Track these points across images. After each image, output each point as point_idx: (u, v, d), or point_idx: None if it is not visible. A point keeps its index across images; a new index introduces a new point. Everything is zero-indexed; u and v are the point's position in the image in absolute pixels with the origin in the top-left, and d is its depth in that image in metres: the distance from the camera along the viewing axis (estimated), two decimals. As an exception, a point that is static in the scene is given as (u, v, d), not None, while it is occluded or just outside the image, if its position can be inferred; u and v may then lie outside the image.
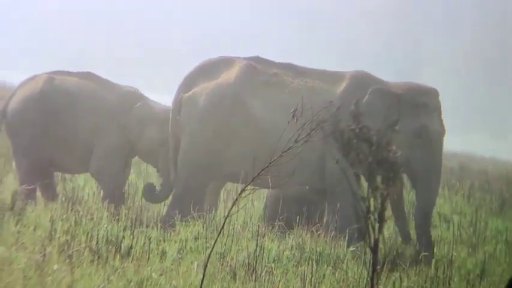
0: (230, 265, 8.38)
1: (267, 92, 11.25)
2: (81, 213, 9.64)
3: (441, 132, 11.09)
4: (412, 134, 10.89)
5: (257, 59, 11.51)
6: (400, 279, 8.47)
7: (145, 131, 11.05)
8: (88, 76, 11.33)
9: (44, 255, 7.59)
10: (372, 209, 5.72)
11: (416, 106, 11.01)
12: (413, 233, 10.96)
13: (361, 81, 11.22)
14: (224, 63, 11.49)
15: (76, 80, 11.23)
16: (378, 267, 5.75)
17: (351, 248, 9.93)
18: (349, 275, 8.75)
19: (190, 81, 11.46)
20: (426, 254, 10.23)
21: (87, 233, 8.41)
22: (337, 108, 8.09)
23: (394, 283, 8.25)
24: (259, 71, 11.36)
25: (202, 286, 7.16)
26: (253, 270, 8.23)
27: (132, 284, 7.11)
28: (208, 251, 7.87)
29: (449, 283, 8.75)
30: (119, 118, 11.03)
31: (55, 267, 7.18)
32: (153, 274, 7.54)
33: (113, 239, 8.41)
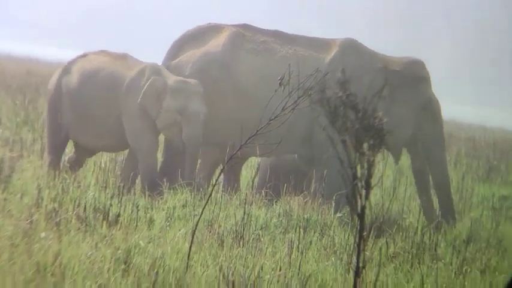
0: (218, 232, 8.40)
1: (255, 59, 11.22)
2: (68, 180, 9.63)
3: (439, 103, 11.24)
4: (420, 108, 11.02)
5: (245, 27, 11.45)
6: (387, 245, 8.52)
7: (163, 104, 10.83)
8: (121, 56, 11.14)
9: (31, 222, 7.59)
10: (358, 175, 5.73)
11: (418, 80, 11.11)
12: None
13: (350, 50, 11.21)
14: (212, 30, 11.43)
15: (105, 59, 11.09)
16: (365, 233, 5.77)
17: (338, 215, 9.97)
18: (336, 241, 8.80)
19: (177, 49, 11.40)
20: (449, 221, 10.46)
21: (75, 201, 8.40)
22: (324, 76, 8.08)
23: (380, 249, 8.29)
24: (247, 39, 11.31)
25: (190, 253, 7.18)
26: (240, 238, 8.26)
27: (119, 251, 7.11)
28: (196, 218, 7.89)
29: (435, 249, 8.81)
30: (135, 95, 10.87)
31: (42, 234, 7.18)
32: (141, 242, 7.55)
33: (101, 207, 8.41)
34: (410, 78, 11.12)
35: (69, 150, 11.52)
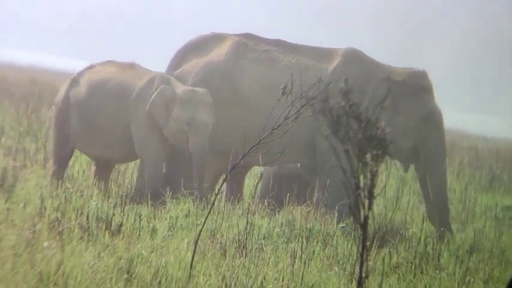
0: (220, 242, 8.40)
1: (258, 69, 11.23)
2: (71, 190, 9.63)
3: (441, 114, 11.26)
4: (422, 118, 11.02)
5: (248, 36, 11.47)
6: (390, 255, 8.51)
7: (171, 113, 10.81)
8: (129, 66, 11.09)
9: (34, 232, 7.59)
10: (361, 185, 5.73)
11: (421, 90, 11.12)
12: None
13: (353, 59, 11.22)
14: (215, 39, 11.45)
15: (112, 69, 11.05)
16: (368, 243, 5.77)
17: (341, 225, 9.97)
18: (339, 251, 8.79)
19: (180, 58, 11.42)
20: (447, 232, 10.50)
21: (77, 210, 8.40)
22: (327, 85, 8.10)
23: (383, 259, 8.28)
24: (249, 48, 11.33)
25: (193, 263, 7.18)
26: (243, 247, 8.25)
27: (122, 261, 7.11)
28: (199, 228, 7.88)
29: (438, 259, 8.80)
30: (144, 104, 10.82)
31: (45, 244, 7.18)
32: (144, 251, 7.55)
33: (103, 216, 8.41)
34: (413, 89, 11.12)
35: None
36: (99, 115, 10.96)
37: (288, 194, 10.86)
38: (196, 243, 7.38)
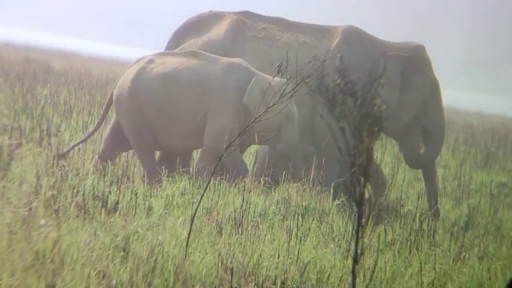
0: (216, 220, 8.42)
1: (256, 47, 11.22)
2: (66, 168, 9.63)
3: (439, 84, 11.40)
4: (428, 92, 11.10)
5: (246, 14, 11.46)
6: (385, 232, 8.54)
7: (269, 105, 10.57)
8: (191, 54, 10.78)
9: (30, 210, 7.59)
10: (357, 162, 5.73)
11: (425, 64, 11.19)
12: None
13: (353, 37, 11.22)
14: (213, 18, 11.43)
15: (176, 60, 10.74)
16: (363, 220, 5.78)
17: (336, 202, 9.99)
18: (335, 228, 8.82)
19: (179, 37, 11.40)
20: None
21: (73, 188, 8.40)
22: (323, 62, 8.10)
23: (379, 236, 8.31)
24: (248, 26, 11.32)
25: (189, 240, 7.20)
26: (239, 225, 8.27)
27: (118, 238, 7.13)
28: (195, 206, 7.90)
29: (433, 235, 8.83)
30: (226, 93, 10.63)
31: (41, 222, 7.19)
32: (140, 229, 7.56)
33: (99, 195, 8.41)
34: (418, 64, 11.19)
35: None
36: (177, 106, 10.65)
37: (284, 172, 10.87)
38: (192, 221, 7.40)
